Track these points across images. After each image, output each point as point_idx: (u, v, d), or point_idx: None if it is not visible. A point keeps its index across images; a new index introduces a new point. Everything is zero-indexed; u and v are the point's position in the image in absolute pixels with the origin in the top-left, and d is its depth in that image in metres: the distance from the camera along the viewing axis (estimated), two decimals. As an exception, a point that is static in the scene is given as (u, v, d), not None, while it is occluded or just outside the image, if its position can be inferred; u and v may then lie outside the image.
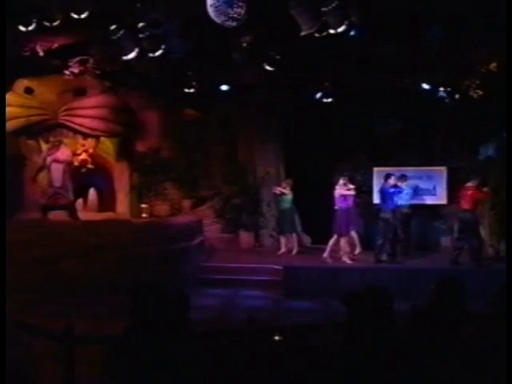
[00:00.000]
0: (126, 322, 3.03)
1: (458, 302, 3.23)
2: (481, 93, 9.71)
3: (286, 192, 11.20)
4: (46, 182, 10.85)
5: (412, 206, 10.97)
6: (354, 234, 10.83)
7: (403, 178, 10.53)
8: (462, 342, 3.05)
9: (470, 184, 10.14)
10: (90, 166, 11.11)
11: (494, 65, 9.07)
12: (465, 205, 10.05)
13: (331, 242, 10.33)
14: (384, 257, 10.01)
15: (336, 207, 10.29)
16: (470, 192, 10.00)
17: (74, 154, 11.05)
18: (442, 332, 3.09)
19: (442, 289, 3.26)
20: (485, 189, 10.25)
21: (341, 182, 10.42)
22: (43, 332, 5.02)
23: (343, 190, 10.33)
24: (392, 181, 10.17)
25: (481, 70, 9.34)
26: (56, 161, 10.72)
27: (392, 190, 10.18)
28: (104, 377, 3.05)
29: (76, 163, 11.03)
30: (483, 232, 11.51)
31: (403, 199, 10.58)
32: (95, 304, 8.32)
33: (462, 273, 8.63)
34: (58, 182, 10.70)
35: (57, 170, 10.70)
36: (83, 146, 11.12)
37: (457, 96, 10.12)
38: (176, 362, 2.84)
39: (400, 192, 10.35)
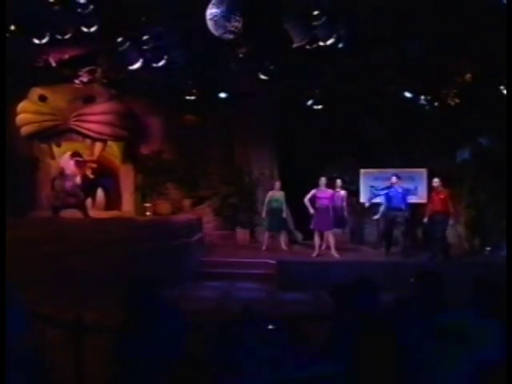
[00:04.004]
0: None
1: (436, 292, 3.26)
2: (457, 101, 9.76)
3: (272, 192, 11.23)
4: (59, 189, 10.81)
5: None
6: (337, 231, 10.83)
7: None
8: (439, 329, 3.07)
9: (437, 185, 10.00)
10: (91, 175, 11.13)
11: (469, 75, 9.12)
12: (437, 207, 9.90)
13: (316, 240, 10.30)
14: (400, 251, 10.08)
15: (316, 205, 10.29)
16: (442, 196, 9.93)
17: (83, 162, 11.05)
18: (421, 321, 3.11)
19: (421, 281, 3.29)
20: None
21: (322, 180, 10.40)
22: (55, 322, 5.02)
23: (321, 190, 10.33)
24: (397, 181, 10.17)
25: (457, 80, 9.39)
26: (67, 172, 10.70)
27: (402, 190, 10.16)
28: (110, 362, 3.07)
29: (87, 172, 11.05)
30: (460, 228, 11.58)
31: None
32: (102, 296, 8.28)
33: (440, 266, 8.67)
34: (69, 188, 10.66)
35: (69, 180, 10.67)
36: (89, 156, 11.12)
37: (436, 103, 10.16)
38: (173, 350, 2.86)
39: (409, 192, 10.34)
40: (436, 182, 10.09)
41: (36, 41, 7.19)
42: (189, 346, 3.21)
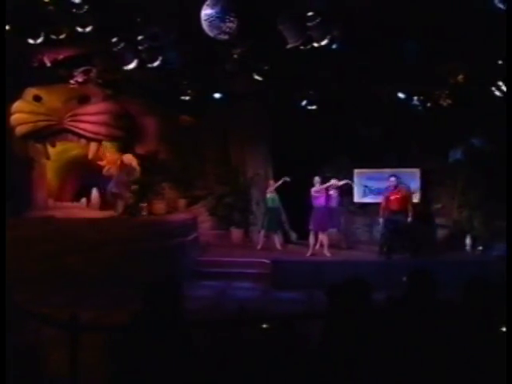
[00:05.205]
0: (133, 310, 3.02)
1: (429, 291, 3.27)
2: (450, 102, 9.82)
3: (272, 192, 11.21)
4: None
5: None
6: (332, 230, 10.84)
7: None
8: (432, 327, 3.09)
9: (394, 184, 10.01)
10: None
11: (461, 76, 9.17)
12: (394, 206, 9.91)
13: (311, 239, 10.32)
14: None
15: (313, 205, 10.31)
16: (399, 195, 9.93)
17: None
18: (414, 319, 3.13)
19: (414, 280, 3.30)
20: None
21: (316, 179, 10.41)
22: (50, 320, 5.00)
23: (317, 188, 10.34)
24: (394, 181, 10.17)
25: (450, 82, 9.44)
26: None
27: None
28: (105, 361, 3.07)
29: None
30: (456, 227, 11.62)
31: None
32: (98, 295, 8.30)
33: (432, 264, 8.70)
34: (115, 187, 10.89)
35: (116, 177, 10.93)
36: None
37: (429, 104, 10.20)
38: (175, 348, 2.86)
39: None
40: (392, 180, 10.13)
41: (30, 41, 7.16)
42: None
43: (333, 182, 10.69)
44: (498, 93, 8.66)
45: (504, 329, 3.09)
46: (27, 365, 3.82)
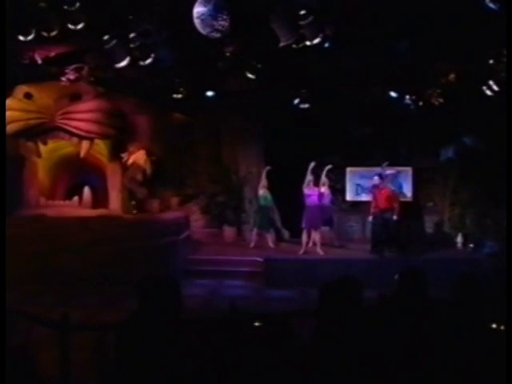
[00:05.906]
0: (126, 309, 3.01)
1: (420, 289, 3.28)
2: (441, 101, 9.86)
3: (264, 191, 11.20)
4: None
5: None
6: (324, 228, 10.86)
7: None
8: (423, 326, 3.10)
9: (378, 183, 10.14)
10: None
11: (452, 76, 9.22)
12: (382, 204, 10.01)
13: (304, 237, 10.33)
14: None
15: (305, 203, 10.33)
16: (383, 194, 10.03)
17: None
18: (405, 317, 3.14)
19: (405, 278, 3.31)
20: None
21: (309, 178, 10.42)
22: (41, 320, 4.97)
23: (309, 187, 10.36)
24: (380, 181, 10.22)
25: (441, 81, 9.48)
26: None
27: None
28: (95, 360, 3.05)
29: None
30: (447, 225, 11.68)
31: None
32: (90, 294, 8.27)
33: (423, 263, 8.74)
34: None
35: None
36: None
37: (420, 103, 10.24)
38: (169, 347, 2.85)
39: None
40: (375, 179, 10.22)
41: (21, 37, 7.11)
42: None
43: (312, 164, 10.61)
44: (489, 92, 8.71)
45: (494, 325, 3.11)
46: (18, 365, 3.79)
